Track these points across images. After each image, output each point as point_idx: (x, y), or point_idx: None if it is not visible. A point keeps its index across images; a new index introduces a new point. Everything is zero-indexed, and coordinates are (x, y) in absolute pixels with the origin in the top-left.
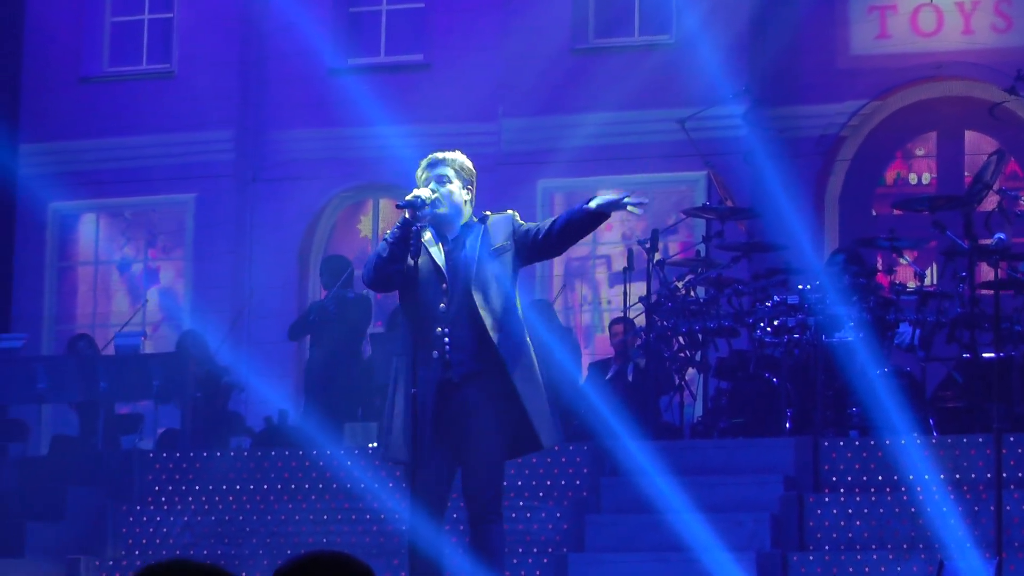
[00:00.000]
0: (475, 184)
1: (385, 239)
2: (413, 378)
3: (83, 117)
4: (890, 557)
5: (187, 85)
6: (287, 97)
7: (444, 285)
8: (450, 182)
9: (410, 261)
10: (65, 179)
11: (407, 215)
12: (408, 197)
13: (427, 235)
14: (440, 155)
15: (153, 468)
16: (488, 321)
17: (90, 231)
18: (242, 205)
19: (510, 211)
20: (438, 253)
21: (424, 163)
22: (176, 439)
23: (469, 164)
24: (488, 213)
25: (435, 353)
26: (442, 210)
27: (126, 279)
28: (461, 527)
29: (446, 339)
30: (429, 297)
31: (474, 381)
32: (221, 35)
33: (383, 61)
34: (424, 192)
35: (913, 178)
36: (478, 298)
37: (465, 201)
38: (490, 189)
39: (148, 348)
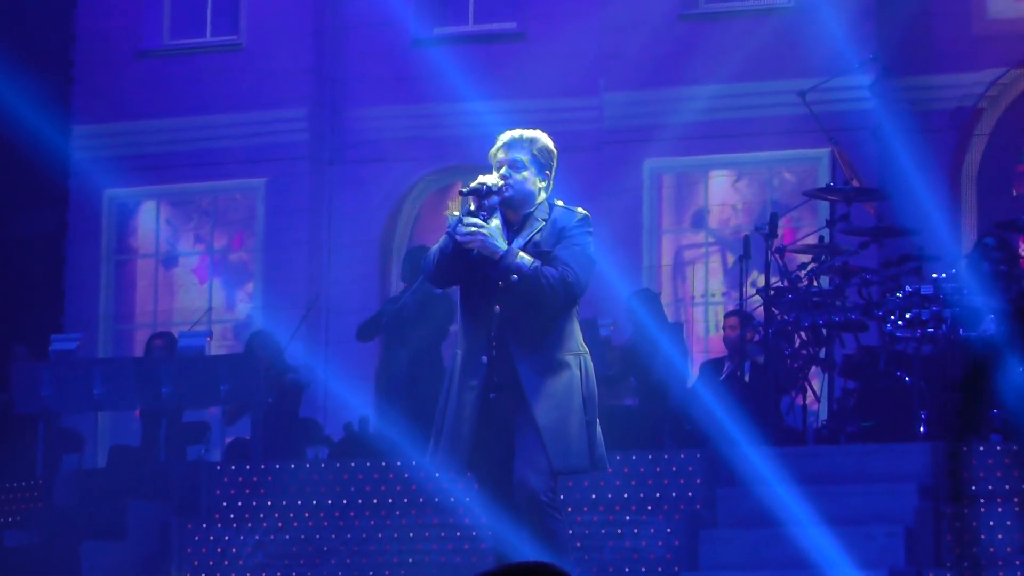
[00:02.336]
0: (554, 168)
1: (449, 232)
2: (461, 382)
3: (142, 95)
4: None
5: (256, 59)
6: (367, 71)
7: (500, 283)
8: (525, 168)
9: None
10: (122, 164)
11: (472, 204)
12: (473, 184)
13: (495, 222)
14: (518, 135)
15: (221, 481)
16: (524, 328)
17: (150, 220)
18: (318, 190)
19: (580, 210)
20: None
21: (500, 142)
22: (246, 449)
23: (550, 145)
24: (559, 203)
25: (484, 357)
26: (508, 192)
27: (190, 273)
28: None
29: (495, 343)
30: (486, 295)
31: (516, 389)
32: (293, 3)
33: (472, 30)
34: (491, 179)
35: None
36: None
37: (539, 188)
38: (591, 170)
39: (215, 349)
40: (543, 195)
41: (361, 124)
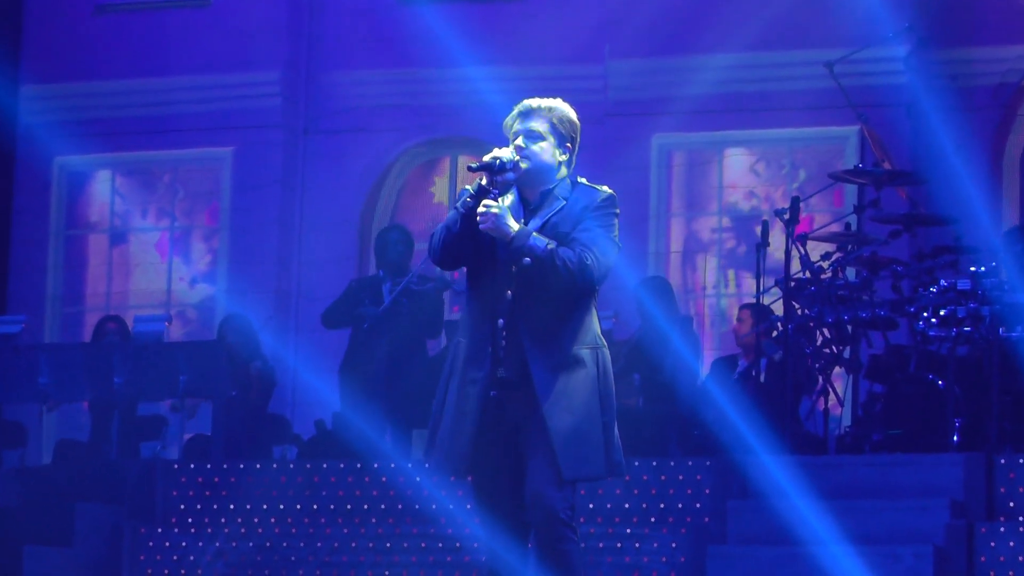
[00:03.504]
0: (577, 142)
1: (456, 208)
2: (464, 374)
3: (98, 54)
4: None
5: (224, 15)
6: (347, 30)
7: (514, 267)
8: (542, 139)
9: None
10: (75, 129)
11: (483, 181)
12: (486, 158)
13: (509, 199)
14: (536, 103)
15: (179, 482)
16: (538, 318)
17: (104, 192)
18: (291, 162)
19: (605, 188)
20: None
21: (516, 111)
22: (207, 447)
23: (572, 116)
24: (582, 180)
25: (489, 348)
26: (524, 164)
27: (148, 251)
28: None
29: (504, 333)
30: (497, 279)
31: (526, 387)
32: None
33: None
34: (505, 153)
35: None
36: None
37: (559, 162)
38: (596, 147)
39: (175, 336)
40: (564, 171)
41: (340, 89)
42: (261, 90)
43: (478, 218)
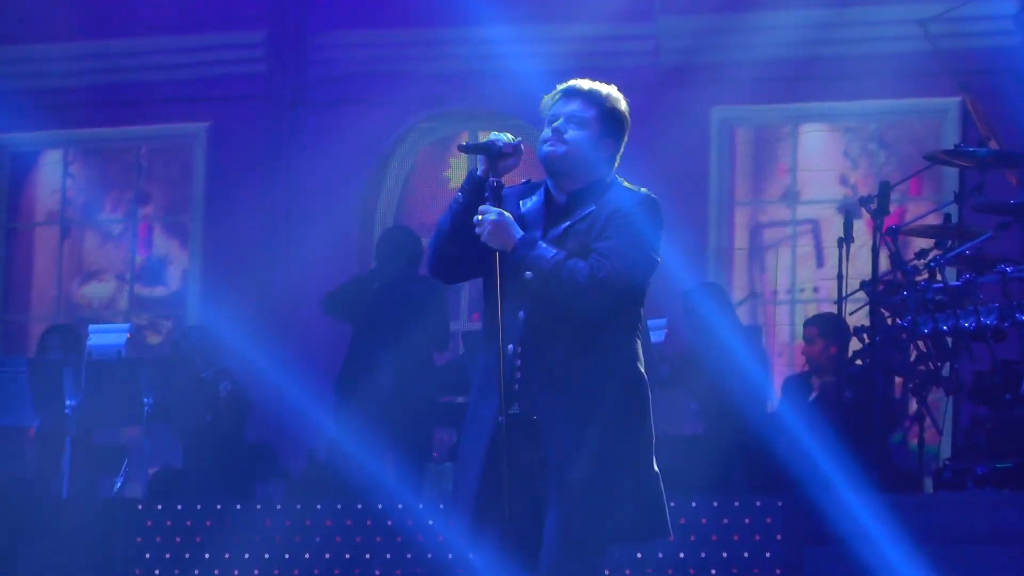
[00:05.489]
0: (624, 141)
1: (452, 203)
2: (473, 410)
3: (48, 12)
4: None
5: None
6: None
7: (528, 276)
8: (585, 127)
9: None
10: (18, 100)
11: (479, 167)
12: (482, 138)
13: (532, 199)
14: (586, 85)
15: (143, 526)
16: (555, 345)
17: (54, 176)
18: (276, 140)
19: (643, 191)
20: (530, 214)
21: (559, 89)
22: (177, 483)
23: (623, 108)
24: (622, 181)
25: (497, 379)
26: (549, 148)
27: (105, 247)
28: None
29: (518, 362)
30: (507, 296)
31: (550, 428)
32: None
33: None
34: (505, 135)
35: None
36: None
37: (602, 159)
38: (642, 122)
39: (138, 350)
40: (605, 168)
41: (334, 53)
42: (241, 54)
43: (476, 225)
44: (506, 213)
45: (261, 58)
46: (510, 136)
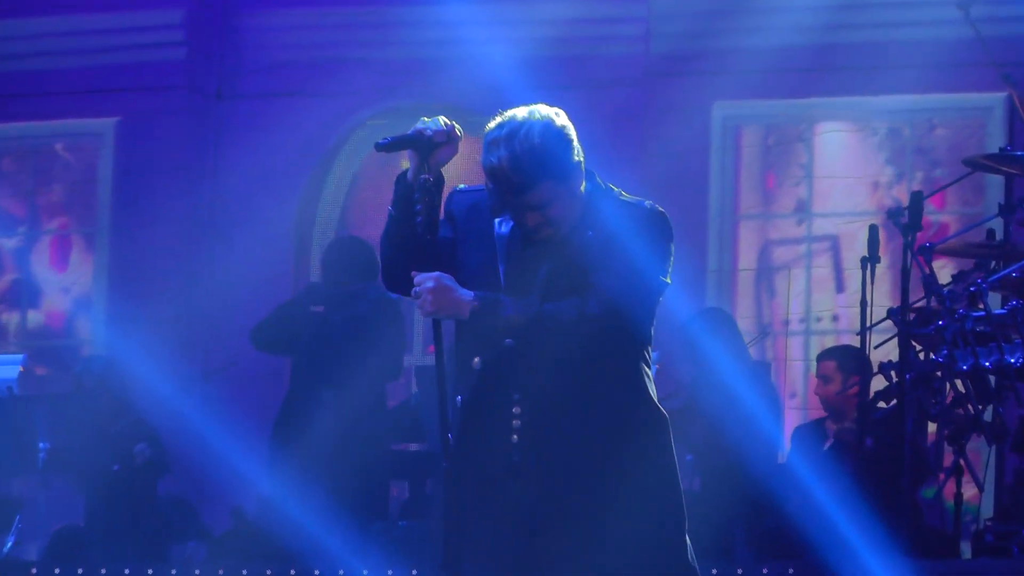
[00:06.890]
0: (575, 138)
1: (388, 218)
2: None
3: None
4: None
5: None
6: None
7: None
8: (552, 201)
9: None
10: None
11: (408, 164)
12: (412, 129)
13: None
14: (502, 162)
15: None
16: (551, 378)
17: None
18: (199, 138)
19: (648, 204)
20: (509, 237)
21: (494, 173)
22: (79, 543)
23: (560, 128)
24: (621, 194)
25: (495, 424)
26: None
27: None
28: None
29: (515, 409)
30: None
31: (555, 479)
32: None
33: None
34: (436, 119)
35: None
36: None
37: (578, 188)
38: (632, 118)
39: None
40: (583, 185)
41: (268, 37)
42: (159, 37)
43: (416, 302)
44: (444, 276)
45: (182, 41)
46: (443, 120)
